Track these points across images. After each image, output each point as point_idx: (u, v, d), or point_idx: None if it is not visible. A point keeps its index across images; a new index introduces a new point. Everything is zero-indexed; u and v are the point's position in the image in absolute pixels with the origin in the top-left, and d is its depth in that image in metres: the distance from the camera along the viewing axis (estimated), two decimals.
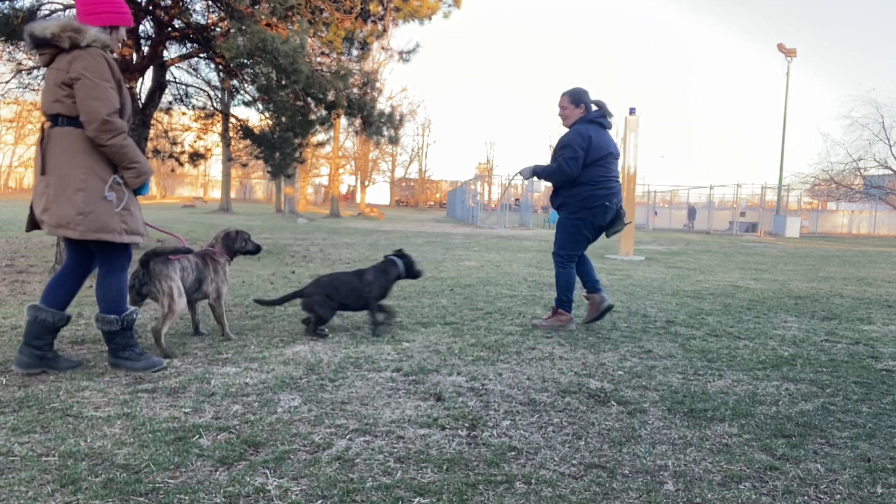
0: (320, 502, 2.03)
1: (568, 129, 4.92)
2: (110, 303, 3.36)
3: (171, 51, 10.87)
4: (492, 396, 3.13)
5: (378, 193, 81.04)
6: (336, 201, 38.88)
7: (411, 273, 4.81)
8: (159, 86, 10.42)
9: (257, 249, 4.44)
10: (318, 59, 10.21)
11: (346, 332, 4.49)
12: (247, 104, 12.00)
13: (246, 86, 11.47)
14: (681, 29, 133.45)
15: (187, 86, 12.33)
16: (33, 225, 3.33)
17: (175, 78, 11.91)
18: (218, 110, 12.80)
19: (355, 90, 10.29)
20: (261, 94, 10.99)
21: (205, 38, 9.74)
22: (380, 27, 10.07)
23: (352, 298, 4.50)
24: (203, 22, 10.03)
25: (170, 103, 12.26)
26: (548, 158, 5.07)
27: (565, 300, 4.86)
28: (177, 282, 3.71)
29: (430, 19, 9.98)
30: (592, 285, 5.02)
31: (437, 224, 29.72)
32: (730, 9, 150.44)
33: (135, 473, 2.17)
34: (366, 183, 52.68)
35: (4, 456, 2.27)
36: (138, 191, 3.36)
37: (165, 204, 50.03)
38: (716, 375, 3.64)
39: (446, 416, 2.83)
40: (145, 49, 10.08)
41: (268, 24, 8.20)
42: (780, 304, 6.50)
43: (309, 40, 8.84)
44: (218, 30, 9.67)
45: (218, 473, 2.20)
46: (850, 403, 3.19)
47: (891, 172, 35.66)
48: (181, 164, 12.96)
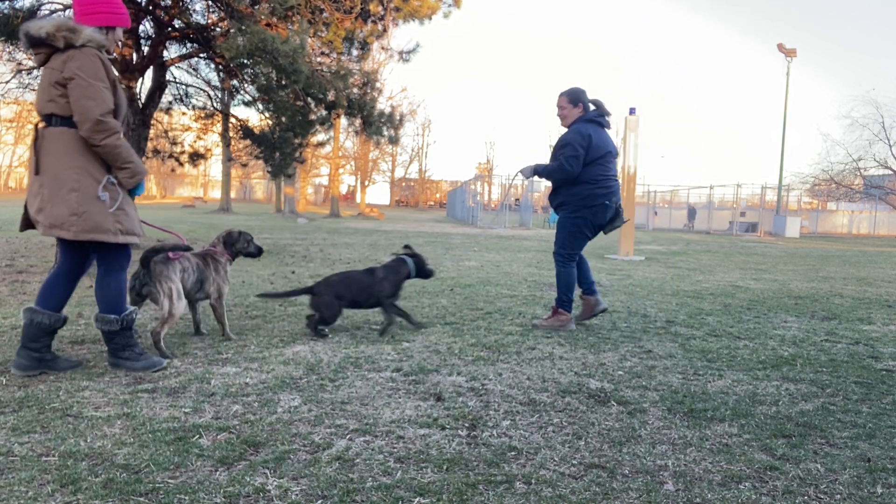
0: (320, 502, 2.03)
1: (567, 129, 4.93)
2: (110, 302, 3.35)
3: (171, 51, 10.89)
4: (492, 396, 3.13)
5: (378, 193, 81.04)
6: (336, 201, 38.88)
7: (422, 272, 4.75)
8: (159, 86, 10.43)
9: (259, 252, 4.43)
10: (318, 59, 10.22)
11: (346, 332, 4.49)
12: (247, 104, 12.02)
13: (246, 86, 11.48)
14: (681, 29, 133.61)
15: (187, 86, 12.34)
16: (27, 224, 3.31)
17: (175, 78, 11.93)
18: (218, 110, 12.81)
19: (355, 90, 10.29)
20: (261, 94, 11.00)
21: (205, 38, 9.75)
22: (380, 27, 10.08)
23: (363, 296, 4.48)
24: (203, 22, 10.04)
25: (170, 103, 12.27)
26: (548, 158, 5.07)
27: (566, 299, 4.86)
28: (177, 284, 3.70)
29: (430, 19, 10.00)
30: (588, 287, 5.03)
31: (437, 224, 29.72)
32: (730, 9, 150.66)
33: (135, 473, 2.17)
34: (366, 183, 52.69)
35: (4, 456, 2.28)
36: (133, 191, 3.33)
37: (165, 204, 50.03)
38: (716, 375, 3.64)
39: (446, 416, 2.83)
40: (145, 49, 10.09)
41: (268, 24, 8.20)
42: (780, 304, 6.50)
43: (309, 40, 8.84)
44: (218, 30, 9.67)
45: (218, 473, 2.20)
46: (850, 403, 3.19)
47: (891, 172, 35.66)
48: (181, 164, 12.97)
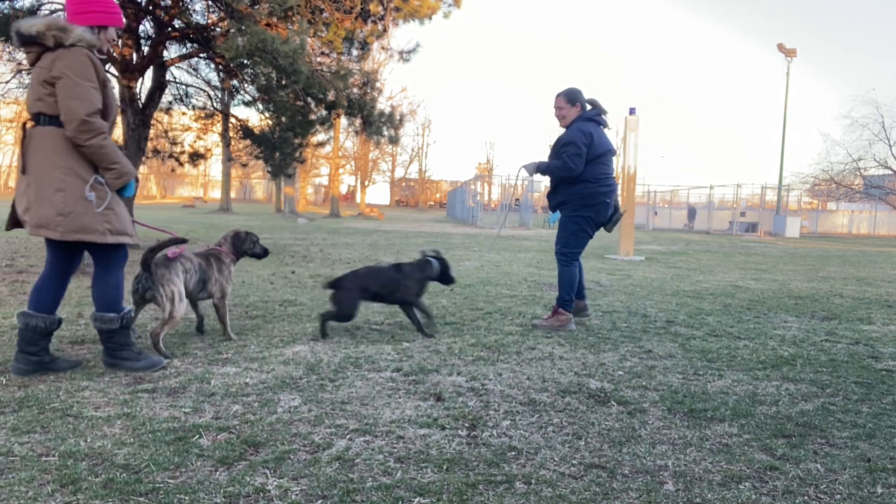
0: (320, 502, 2.03)
1: (566, 128, 4.93)
2: (108, 301, 3.32)
3: (171, 51, 10.89)
4: (492, 396, 3.13)
5: (378, 193, 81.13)
6: (336, 201, 38.88)
7: (445, 277, 4.70)
8: (159, 86, 10.44)
9: (265, 253, 4.43)
10: (318, 59, 10.22)
11: (347, 332, 4.49)
12: (247, 104, 12.02)
13: (246, 86, 11.49)
14: (681, 29, 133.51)
15: (187, 86, 12.34)
16: (14, 223, 3.27)
17: (175, 78, 11.93)
18: (218, 110, 12.81)
19: (355, 90, 10.30)
20: (261, 94, 11.00)
21: (205, 38, 9.75)
22: (380, 27, 10.08)
23: (387, 290, 4.46)
24: (203, 22, 10.05)
25: (170, 103, 12.27)
26: (547, 158, 5.07)
27: (567, 299, 4.86)
28: (179, 286, 3.69)
29: (430, 19, 10.01)
30: (579, 290, 5.05)
31: (437, 224, 29.72)
32: (730, 9, 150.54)
33: (135, 473, 2.17)
34: (366, 183, 52.70)
35: (4, 456, 2.28)
36: (122, 192, 3.28)
37: (165, 204, 50.04)
38: (716, 375, 3.64)
39: (446, 416, 2.83)
40: (145, 49, 10.10)
41: (268, 24, 8.21)
42: (780, 304, 6.50)
43: (309, 40, 8.85)
44: (218, 30, 9.68)
45: (218, 473, 2.20)
46: (850, 403, 3.19)
47: (891, 172, 35.66)
48: (181, 164, 12.97)
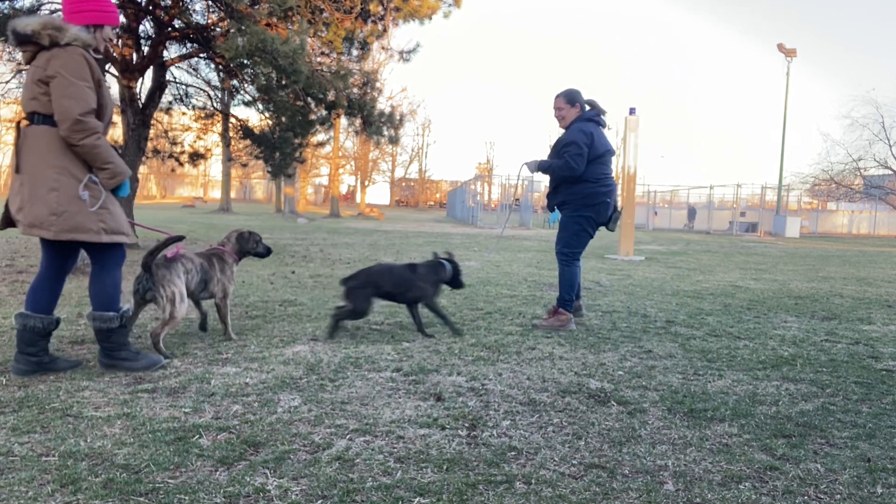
0: (320, 502, 2.03)
1: (567, 129, 4.94)
2: (106, 300, 3.31)
3: (171, 51, 10.89)
4: (492, 396, 3.13)
5: (378, 193, 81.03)
6: (336, 201, 38.89)
7: (455, 281, 4.67)
8: (159, 86, 10.44)
9: (268, 252, 4.43)
10: (318, 59, 10.22)
11: (346, 332, 4.49)
12: (247, 104, 12.02)
13: (246, 86, 11.49)
14: (681, 29, 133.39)
15: (187, 86, 12.35)
16: (7, 223, 3.25)
17: (175, 78, 11.93)
18: (218, 110, 12.81)
19: (355, 90, 10.30)
20: (261, 94, 11.00)
21: (205, 38, 9.75)
22: (380, 27, 10.08)
23: (400, 289, 4.44)
24: (203, 22, 10.05)
25: (170, 103, 12.27)
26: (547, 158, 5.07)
27: (567, 299, 4.86)
28: (180, 287, 3.68)
29: (430, 19, 10.01)
30: (576, 290, 5.05)
31: (437, 224, 29.72)
32: (730, 9, 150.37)
33: (135, 473, 2.17)
34: (366, 183, 52.69)
35: (4, 456, 2.28)
36: (117, 192, 3.26)
37: (165, 204, 50.04)
38: (716, 375, 3.64)
39: (446, 416, 2.83)
40: (145, 49, 10.10)
41: (268, 25, 8.21)
42: (780, 304, 6.50)
43: (309, 40, 8.85)
44: (218, 30, 9.68)
45: (218, 473, 2.20)
46: (850, 403, 3.19)
47: (891, 172, 35.65)
48: (181, 164, 12.96)
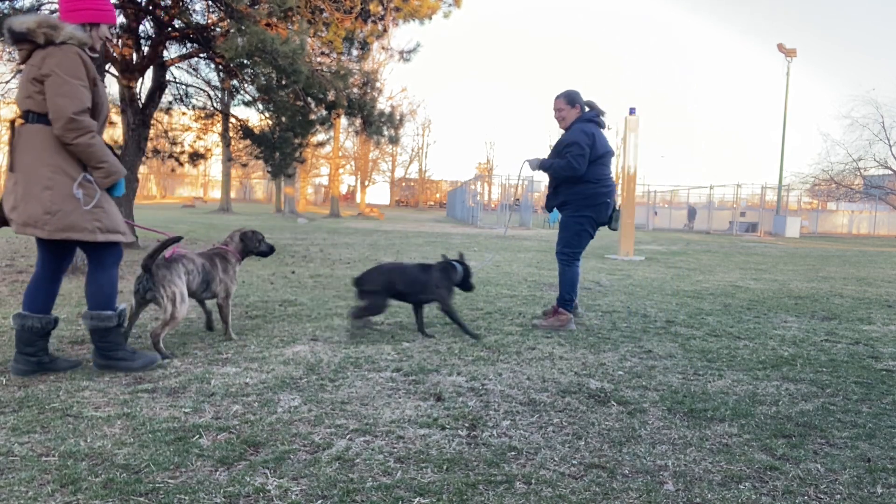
0: (320, 502, 2.03)
1: (567, 129, 4.94)
2: (102, 299, 3.29)
3: (171, 51, 10.89)
4: (492, 396, 3.13)
5: (378, 193, 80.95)
6: (336, 201, 38.87)
7: (465, 283, 4.63)
8: (159, 86, 10.44)
9: (271, 250, 4.43)
10: (318, 59, 10.22)
11: (347, 332, 4.49)
12: (247, 104, 12.02)
13: (246, 86, 11.49)
14: (681, 29, 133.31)
15: (187, 86, 12.35)
16: (1, 222, 3.24)
17: (175, 78, 11.93)
18: (218, 110, 12.81)
19: (355, 90, 10.29)
20: (261, 94, 11.00)
21: (205, 38, 9.76)
22: (380, 27, 10.08)
23: (412, 289, 4.42)
24: (203, 22, 10.05)
25: (170, 103, 12.27)
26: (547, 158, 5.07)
27: (568, 299, 4.87)
28: (181, 287, 3.68)
29: (430, 19, 10.00)
30: None
31: (437, 224, 29.72)
32: (730, 9, 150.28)
33: (135, 473, 2.17)
34: (366, 183, 52.67)
35: (4, 456, 2.28)
36: (112, 191, 3.25)
37: (165, 204, 50.04)
38: (716, 375, 3.64)
39: (446, 416, 2.83)
40: (145, 49, 10.10)
41: (267, 25, 8.21)
42: (780, 304, 6.50)
43: (309, 40, 8.85)
44: (218, 30, 9.68)
45: (218, 473, 2.20)
46: (850, 403, 3.19)
47: (891, 172, 35.64)
48: (181, 164, 12.96)
